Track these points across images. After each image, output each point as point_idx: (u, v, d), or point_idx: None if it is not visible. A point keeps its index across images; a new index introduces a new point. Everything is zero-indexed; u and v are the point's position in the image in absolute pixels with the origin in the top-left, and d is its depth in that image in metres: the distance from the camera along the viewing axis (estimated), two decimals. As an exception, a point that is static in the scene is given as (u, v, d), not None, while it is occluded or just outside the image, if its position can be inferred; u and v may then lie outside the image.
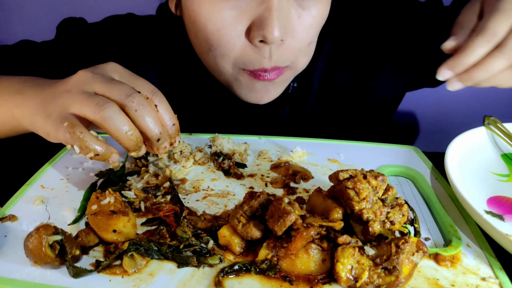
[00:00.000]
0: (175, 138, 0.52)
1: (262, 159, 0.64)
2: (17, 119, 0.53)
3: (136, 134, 0.47)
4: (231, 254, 0.44)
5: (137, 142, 0.48)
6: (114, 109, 0.45)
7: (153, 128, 0.48)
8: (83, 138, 0.45)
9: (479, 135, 0.63)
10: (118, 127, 0.45)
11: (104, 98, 0.46)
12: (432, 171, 0.61)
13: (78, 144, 0.45)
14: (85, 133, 0.45)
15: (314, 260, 0.41)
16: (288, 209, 0.41)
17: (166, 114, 0.50)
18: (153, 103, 0.49)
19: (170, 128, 0.50)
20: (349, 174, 0.45)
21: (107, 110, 0.45)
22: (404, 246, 0.39)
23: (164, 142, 0.50)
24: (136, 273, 0.41)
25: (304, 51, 0.64)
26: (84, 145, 0.45)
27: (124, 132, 0.46)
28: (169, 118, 0.50)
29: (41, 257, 0.40)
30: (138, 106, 0.46)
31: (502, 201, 0.52)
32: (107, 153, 0.46)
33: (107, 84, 0.48)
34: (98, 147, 0.45)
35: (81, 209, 0.50)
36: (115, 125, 0.45)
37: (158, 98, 0.50)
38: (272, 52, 0.59)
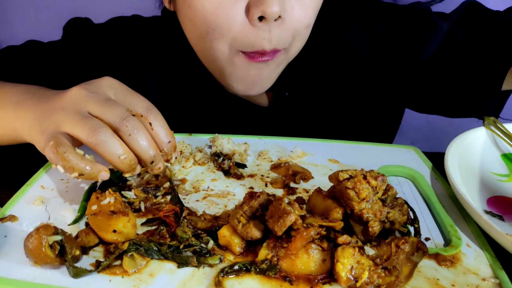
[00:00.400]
0: (171, 155, 0.51)
1: (262, 159, 0.64)
2: (17, 131, 0.54)
3: (130, 157, 0.47)
4: (231, 254, 0.44)
5: (131, 165, 0.48)
6: (108, 134, 0.45)
7: (147, 152, 0.48)
8: (66, 157, 0.44)
9: (479, 135, 0.63)
10: (111, 151, 0.46)
11: (98, 122, 0.46)
12: (432, 171, 0.61)
13: (61, 163, 0.45)
14: (70, 153, 0.45)
15: (314, 260, 0.41)
16: (288, 209, 0.41)
17: (162, 132, 0.49)
18: (147, 122, 0.49)
19: (165, 146, 0.50)
20: (349, 174, 0.45)
21: (100, 135, 0.45)
22: (404, 246, 0.39)
23: (158, 164, 0.50)
24: (136, 273, 0.41)
25: (301, 33, 0.63)
26: (67, 165, 0.44)
27: (118, 156, 0.46)
28: (164, 135, 0.50)
29: (41, 257, 0.40)
30: (132, 130, 0.46)
31: (502, 201, 0.52)
32: (93, 173, 0.45)
33: (101, 105, 0.47)
34: (83, 166, 0.45)
35: (81, 209, 0.49)
36: (108, 150, 0.45)
37: (153, 115, 0.49)
38: (271, 32, 0.59)
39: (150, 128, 0.49)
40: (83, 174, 0.45)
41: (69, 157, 0.44)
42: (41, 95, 0.55)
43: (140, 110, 0.49)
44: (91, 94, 0.49)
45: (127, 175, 0.49)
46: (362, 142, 0.70)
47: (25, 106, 0.53)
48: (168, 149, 0.50)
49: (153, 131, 0.49)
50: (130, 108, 0.49)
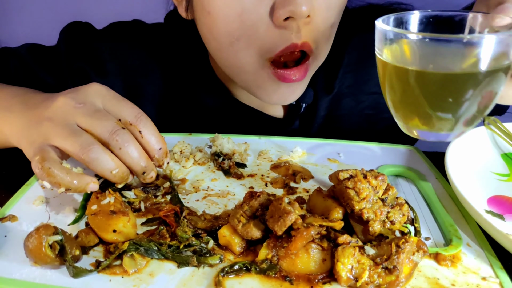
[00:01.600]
0: (163, 160, 0.51)
1: (262, 159, 0.64)
2: (6, 136, 0.54)
3: (122, 170, 0.47)
4: (231, 254, 0.44)
5: (123, 177, 0.48)
6: (98, 151, 0.45)
7: (138, 164, 0.48)
8: (52, 173, 0.44)
9: (479, 135, 0.63)
10: (104, 167, 0.46)
11: (88, 138, 0.46)
12: (432, 171, 0.61)
13: (47, 179, 0.44)
14: (55, 168, 0.44)
15: (314, 260, 0.41)
16: (288, 209, 0.41)
17: (152, 139, 0.49)
18: (137, 130, 0.48)
19: (157, 153, 0.50)
20: (349, 174, 0.45)
21: (91, 152, 0.45)
22: (405, 245, 0.39)
23: (149, 173, 0.50)
24: (136, 273, 0.41)
25: (326, 33, 0.60)
26: (53, 180, 0.44)
27: (110, 171, 0.46)
28: (155, 142, 0.49)
29: (41, 257, 0.40)
30: (123, 144, 0.46)
31: (502, 201, 0.52)
32: (81, 186, 0.45)
33: (90, 118, 0.47)
34: (69, 181, 0.44)
35: (81, 209, 0.49)
36: (100, 166, 0.46)
37: (143, 123, 0.49)
38: (300, 27, 0.56)
39: (140, 136, 0.48)
40: (70, 189, 0.45)
41: (55, 172, 0.44)
42: (29, 100, 0.54)
43: (129, 118, 0.48)
44: (78, 105, 0.48)
45: (120, 186, 0.50)
46: (362, 142, 0.70)
47: (13, 111, 0.53)
48: (159, 155, 0.50)
49: (143, 139, 0.49)
50: (119, 116, 0.48)
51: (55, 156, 0.45)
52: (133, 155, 0.47)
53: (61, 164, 0.45)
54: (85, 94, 0.49)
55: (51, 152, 0.45)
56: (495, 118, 0.63)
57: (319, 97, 0.78)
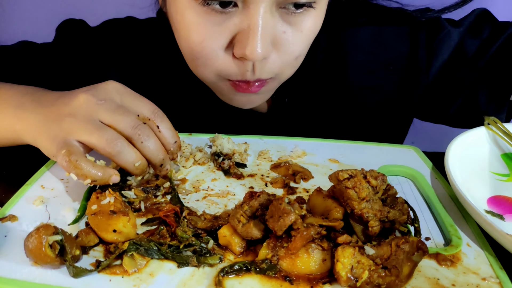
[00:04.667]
0: (176, 153, 0.55)
1: (262, 159, 0.64)
2: (19, 134, 0.54)
3: (143, 162, 0.51)
4: (231, 254, 0.44)
5: (143, 169, 0.51)
6: (123, 144, 0.49)
7: (157, 156, 0.51)
8: (79, 165, 0.47)
9: (479, 135, 0.63)
10: (128, 160, 0.49)
11: (113, 133, 0.49)
12: (432, 170, 0.61)
13: (75, 171, 0.47)
14: (81, 160, 0.47)
15: (314, 260, 0.41)
16: (288, 209, 0.41)
17: (168, 133, 0.53)
18: (154, 125, 0.52)
19: (172, 146, 0.53)
20: (349, 174, 0.45)
21: (116, 146, 0.48)
22: (404, 245, 0.39)
23: (166, 165, 0.53)
24: (136, 273, 0.41)
25: (290, 64, 0.61)
26: (80, 172, 0.47)
27: (133, 164, 0.50)
28: (171, 136, 0.53)
29: (41, 257, 0.40)
30: (144, 138, 0.50)
31: (502, 201, 0.52)
32: (105, 177, 0.48)
33: (112, 114, 0.50)
34: (95, 173, 0.47)
35: (81, 209, 0.49)
36: (124, 159, 0.49)
37: (160, 118, 0.53)
38: (255, 66, 0.57)
39: (158, 131, 0.52)
40: (95, 180, 0.48)
41: (82, 165, 0.47)
42: (41, 98, 0.55)
43: (148, 114, 0.52)
44: (100, 102, 0.50)
45: (139, 178, 0.54)
46: (362, 142, 0.70)
47: (26, 109, 0.54)
48: (174, 148, 0.54)
49: (160, 133, 0.52)
50: (138, 112, 0.52)
51: (80, 149, 0.48)
52: (153, 148, 0.51)
53: (86, 157, 0.48)
54: (105, 91, 0.52)
55: (76, 146, 0.48)
56: (495, 118, 0.63)
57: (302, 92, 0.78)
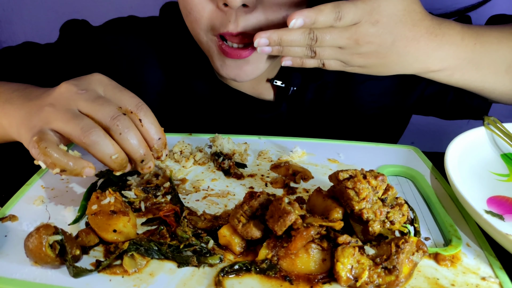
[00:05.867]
0: (161, 152, 0.51)
1: (262, 159, 0.64)
2: (5, 129, 0.54)
3: (121, 156, 0.47)
4: (231, 254, 0.44)
5: (122, 164, 0.48)
6: (99, 134, 0.45)
7: (137, 151, 0.48)
8: (48, 152, 0.44)
9: (479, 135, 0.63)
10: (103, 151, 0.46)
11: (89, 122, 0.46)
12: (432, 171, 0.61)
13: (43, 159, 0.44)
14: (51, 148, 0.44)
15: (314, 260, 0.41)
16: (288, 209, 0.41)
17: (152, 129, 0.49)
18: (137, 118, 0.48)
19: (156, 143, 0.50)
20: (349, 174, 0.45)
21: (92, 136, 0.45)
22: (404, 245, 0.39)
23: (148, 163, 0.50)
24: (136, 272, 0.41)
25: (278, 24, 0.60)
26: (48, 160, 0.44)
27: (109, 156, 0.46)
28: (154, 132, 0.49)
29: (41, 257, 0.40)
30: (123, 129, 0.46)
31: (502, 201, 0.52)
32: (77, 169, 0.45)
33: (92, 103, 0.47)
34: (65, 162, 0.44)
35: (81, 209, 0.50)
36: (100, 150, 0.45)
37: (143, 112, 0.49)
38: (238, 17, 0.58)
39: (140, 125, 0.49)
40: (65, 170, 0.44)
41: (50, 152, 0.44)
42: (30, 93, 0.54)
43: (130, 107, 0.49)
44: (81, 91, 0.48)
45: (118, 173, 0.49)
46: (362, 142, 0.70)
47: (13, 103, 0.53)
48: (158, 146, 0.50)
49: (143, 127, 0.49)
50: (120, 104, 0.49)
51: (53, 137, 0.46)
52: (132, 142, 0.47)
53: (58, 146, 0.45)
54: (88, 82, 0.50)
55: (50, 134, 0.46)
56: (494, 118, 0.63)
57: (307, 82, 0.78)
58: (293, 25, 0.51)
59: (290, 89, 0.77)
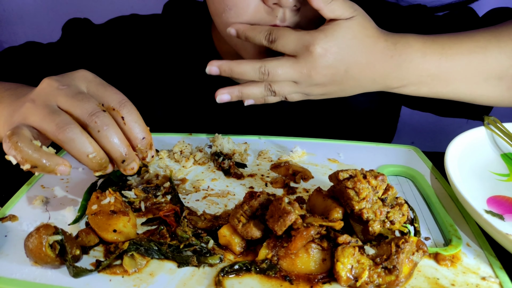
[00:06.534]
0: (147, 152, 0.47)
1: (262, 159, 0.64)
2: None
3: (100, 155, 0.44)
4: (231, 254, 0.44)
5: (101, 164, 0.45)
6: (75, 131, 0.43)
7: (117, 150, 0.45)
8: (18, 146, 0.41)
9: (479, 135, 0.63)
10: (79, 149, 0.43)
11: (66, 118, 0.43)
12: (432, 171, 0.61)
13: (13, 153, 0.41)
14: (23, 142, 0.41)
15: (314, 260, 0.41)
16: (288, 209, 0.41)
17: (136, 127, 0.46)
18: (119, 116, 0.46)
19: (139, 142, 0.46)
20: (349, 174, 0.46)
21: (67, 132, 0.42)
22: (404, 245, 0.39)
23: (130, 163, 0.46)
24: (136, 272, 0.41)
25: (312, 23, 0.60)
26: (19, 155, 0.41)
27: (86, 155, 0.43)
28: (139, 131, 0.46)
29: (41, 257, 0.40)
30: (102, 127, 0.44)
31: (502, 201, 0.52)
32: (50, 166, 0.42)
33: (71, 99, 0.45)
34: (36, 158, 0.41)
35: (81, 209, 0.50)
36: (76, 148, 0.43)
37: (127, 109, 0.46)
38: (285, 15, 0.58)
39: (123, 123, 0.46)
40: (36, 167, 0.42)
41: (21, 147, 0.41)
42: (21, 92, 0.53)
43: (113, 103, 0.46)
44: (62, 87, 0.46)
45: (97, 174, 0.46)
46: (362, 142, 0.70)
47: (3, 102, 0.52)
48: (142, 145, 0.47)
49: (126, 126, 0.46)
50: (103, 101, 0.46)
51: (27, 133, 0.43)
52: (112, 140, 0.44)
53: (31, 141, 0.43)
54: (71, 78, 0.48)
55: (24, 129, 0.43)
56: (494, 118, 0.63)
57: None
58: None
59: None
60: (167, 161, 0.63)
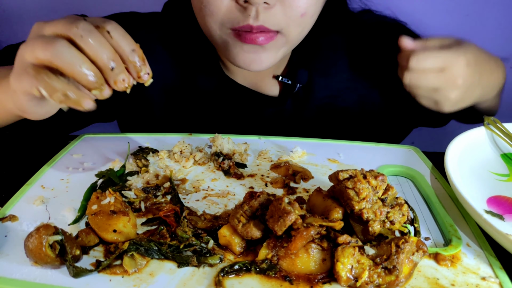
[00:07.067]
0: (141, 67, 0.44)
1: (262, 159, 0.64)
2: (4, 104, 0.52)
3: (90, 67, 0.42)
4: (231, 254, 0.44)
5: (95, 77, 0.42)
6: (63, 44, 0.41)
7: (103, 54, 0.42)
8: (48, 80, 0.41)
9: (479, 135, 0.63)
10: (70, 61, 0.41)
11: (52, 36, 0.42)
12: (432, 171, 0.61)
13: (43, 85, 0.42)
14: (51, 75, 0.42)
15: (314, 260, 0.41)
16: (288, 209, 0.41)
17: (122, 40, 0.44)
18: (104, 30, 0.43)
19: (130, 55, 0.44)
20: (349, 174, 0.46)
21: (55, 45, 0.41)
22: (404, 245, 0.39)
23: (121, 73, 0.44)
24: (136, 273, 0.41)
25: (296, 21, 0.62)
26: (49, 86, 0.42)
27: (78, 65, 0.41)
28: (126, 43, 0.44)
29: (41, 257, 0.40)
30: (84, 32, 0.42)
31: (502, 201, 0.52)
32: (77, 97, 0.42)
33: (54, 22, 0.44)
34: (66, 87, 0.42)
35: (81, 209, 0.50)
36: (66, 60, 0.41)
37: (111, 25, 0.44)
38: (258, 12, 0.59)
39: (109, 37, 0.43)
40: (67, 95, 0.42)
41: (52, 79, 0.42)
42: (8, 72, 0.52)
43: (97, 22, 0.44)
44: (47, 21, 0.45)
45: (95, 93, 0.44)
46: (362, 142, 0.70)
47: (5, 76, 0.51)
48: (133, 58, 0.44)
49: (113, 39, 0.43)
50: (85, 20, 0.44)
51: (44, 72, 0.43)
52: (96, 44, 0.42)
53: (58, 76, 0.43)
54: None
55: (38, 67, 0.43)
56: (494, 118, 0.63)
57: (314, 79, 0.78)
58: None
59: (296, 86, 0.77)
60: (167, 161, 0.63)
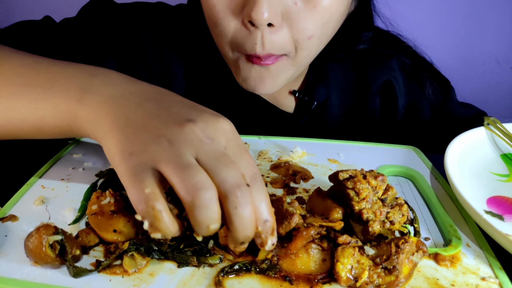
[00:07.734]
0: (266, 238, 0.38)
1: (262, 159, 0.64)
2: (78, 124, 0.44)
3: (218, 227, 0.38)
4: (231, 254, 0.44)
5: (212, 233, 0.38)
6: (211, 198, 0.36)
7: (244, 232, 0.37)
8: (160, 217, 0.36)
9: (479, 135, 0.63)
10: (205, 219, 0.36)
11: (205, 179, 0.37)
12: (432, 171, 0.61)
13: (150, 220, 0.36)
14: (165, 212, 0.36)
15: (314, 260, 0.41)
16: (291, 211, 0.41)
17: (263, 207, 0.38)
18: None
19: (261, 225, 0.38)
20: (349, 174, 0.46)
21: (203, 198, 0.36)
22: (404, 246, 0.39)
23: (246, 245, 0.39)
24: (136, 272, 0.41)
25: (303, 44, 0.60)
26: (156, 224, 0.36)
27: (207, 225, 0.36)
28: (265, 212, 0.38)
29: (41, 257, 0.40)
30: (241, 204, 0.36)
31: (501, 201, 0.52)
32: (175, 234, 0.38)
33: (215, 160, 0.38)
34: (171, 230, 0.37)
35: (81, 209, 0.50)
36: (202, 216, 0.36)
37: (257, 186, 0.39)
38: (264, 37, 0.57)
39: None
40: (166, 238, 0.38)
41: (163, 217, 0.36)
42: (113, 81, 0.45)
43: (247, 177, 0.39)
44: (207, 140, 0.39)
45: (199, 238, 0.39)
46: (362, 142, 0.70)
47: (94, 92, 0.44)
48: (264, 229, 0.38)
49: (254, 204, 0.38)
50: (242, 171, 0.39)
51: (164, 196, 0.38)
52: (245, 220, 0.37)
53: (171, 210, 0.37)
54: (213, 128, 0.41)
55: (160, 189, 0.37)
56: (494, 118, 0.64)
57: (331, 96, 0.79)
58: None
59: (313, 103, 0.78)
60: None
